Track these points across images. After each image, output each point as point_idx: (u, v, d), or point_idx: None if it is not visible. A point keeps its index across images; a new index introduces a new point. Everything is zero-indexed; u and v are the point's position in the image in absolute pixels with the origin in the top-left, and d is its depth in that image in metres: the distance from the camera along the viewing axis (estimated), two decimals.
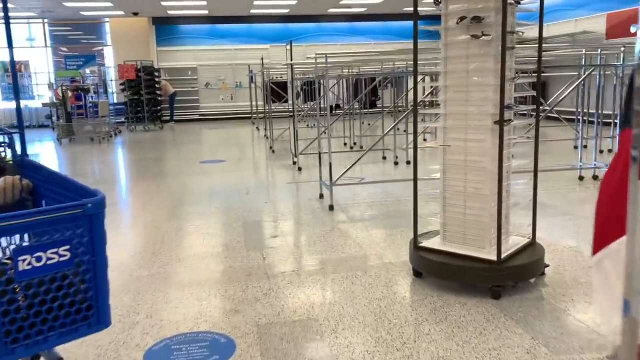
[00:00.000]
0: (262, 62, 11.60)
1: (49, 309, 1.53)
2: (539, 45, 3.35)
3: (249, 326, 2.84)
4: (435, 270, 3.27)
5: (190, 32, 17.89)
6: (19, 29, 17.40)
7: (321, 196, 5.84)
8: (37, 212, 1.49)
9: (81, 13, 16.23)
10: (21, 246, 1.48)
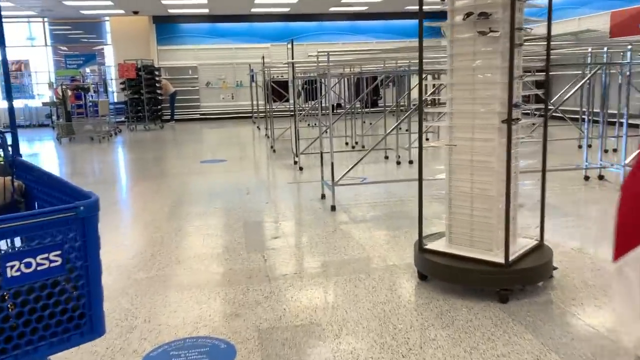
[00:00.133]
0: (263, 61, 11.52)
1: (40, 317, 1.46)
2: (547, 43, 3.26)
3: (250, 331, 2.76)
4: (440, 273, 3.18)
5: (191, 31, 17.81)
6: (20, 28, 17.33)
7: (323, 196, 5.76)
8: (26, 215, 1.41)
9: (81, 12, 16.16)
10: (9, 252, 1.40)
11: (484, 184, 3.13)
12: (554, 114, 7.08)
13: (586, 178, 6.21)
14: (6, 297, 1.42)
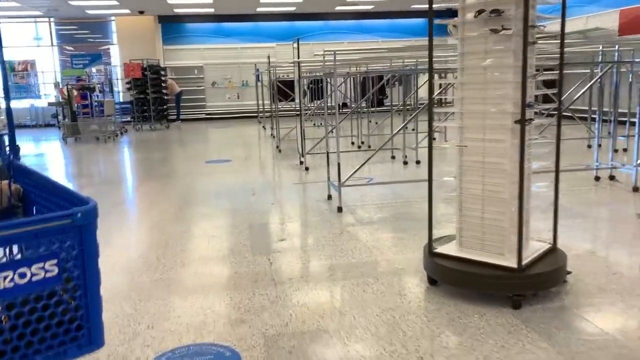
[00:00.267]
0: (269, 61, 11.46)
1: (35, 330, 1.39)
2: (561, 41, 3.17)
3: (256, 338, 2.68)
4: (451, 277, 3.10)
5: (197, 30, 17.78)
6: (26, 28, 17.35)
7: (329, 197, 5.68)
8: (20, 223, 1.34)
9: (87, 12, 16.15)
10: (1, 262, 1.33)
11: (496, 186, 3.04)
12: (564, 113, 6.97)
13: (597, 178, 6.10)
14: None
